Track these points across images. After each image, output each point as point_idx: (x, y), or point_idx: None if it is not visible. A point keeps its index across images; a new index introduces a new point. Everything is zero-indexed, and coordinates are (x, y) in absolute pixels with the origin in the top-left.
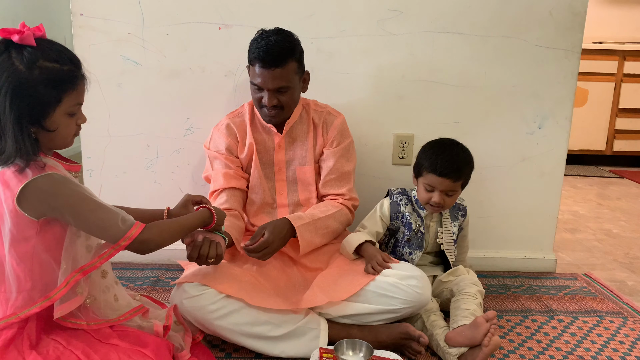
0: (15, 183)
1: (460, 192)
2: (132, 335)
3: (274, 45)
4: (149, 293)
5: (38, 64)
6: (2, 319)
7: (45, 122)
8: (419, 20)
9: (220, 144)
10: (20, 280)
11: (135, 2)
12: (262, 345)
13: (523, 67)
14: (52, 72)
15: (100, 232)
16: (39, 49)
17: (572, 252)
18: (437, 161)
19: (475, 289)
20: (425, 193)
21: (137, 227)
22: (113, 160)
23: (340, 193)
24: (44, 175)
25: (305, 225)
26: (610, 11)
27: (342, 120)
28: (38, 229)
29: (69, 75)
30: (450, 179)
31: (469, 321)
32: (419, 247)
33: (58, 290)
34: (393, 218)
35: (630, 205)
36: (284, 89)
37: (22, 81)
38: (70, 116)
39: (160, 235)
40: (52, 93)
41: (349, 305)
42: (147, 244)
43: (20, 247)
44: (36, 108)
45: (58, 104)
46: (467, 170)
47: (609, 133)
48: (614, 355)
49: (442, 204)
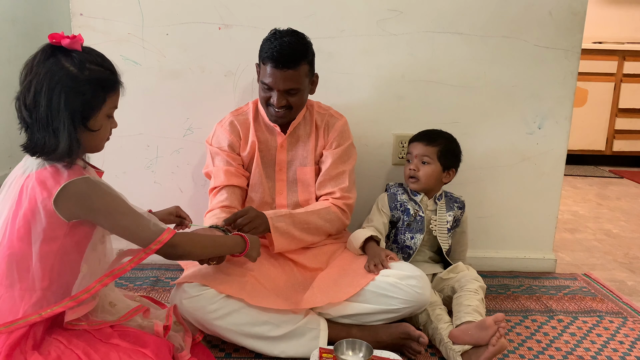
0: (52, 183)
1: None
2: (132, 335)
3: (287, 46)
4: (149, 293)
5: (87, 66)
6: (21, 319)
7: (91, 122)
8: (419, 20)
9: (222, 141)
10: (39, 278)
11: (135, 2)
12: (261, 345)
13: (523, 67)
14: (99, 73)
15: (132, 236)
16: (85, 53)
17: (571, 252)
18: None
19: (477, 285)
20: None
21: (168, 232)
22: (113, 160)
23: (331, 192)
24: (82, 178)
25: (280, 217)
26: (610, 11)
27: (343, 123)
28: (67, 230)
29: (112, 78)
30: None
31: (472, 317)
32: (420, 230)
33: (86, 291)
34: (392, 208)
35: (630, 205)
36: (294, 90)
37: (75, 81)
38: (109, 119)
39: (190, 244)
40: (100, 93)
41: (349, 305)
42: (176, 249)
43: (47, 246)
44: (86, 107)
45: (103, 105)
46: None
47: (609, 133)
48: (614, 355)
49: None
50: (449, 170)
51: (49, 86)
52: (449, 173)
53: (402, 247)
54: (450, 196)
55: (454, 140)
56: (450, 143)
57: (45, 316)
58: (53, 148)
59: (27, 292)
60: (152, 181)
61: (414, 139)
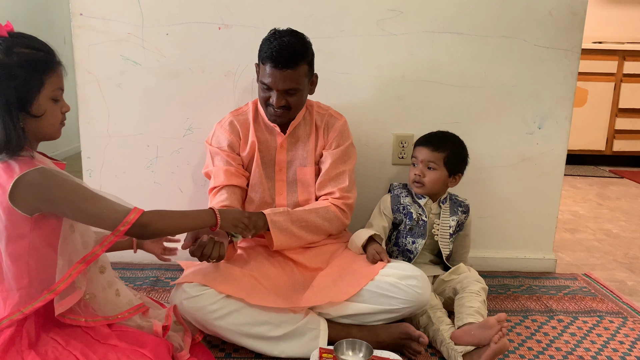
0: (5, 179)
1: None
2: (130, 335)
3: (287, 46)
4: (149, 293)
5: (15, 50)
6: (5, 317)
7: (32, 107)
8: (419, 20)
9: (222, 141)
10: (17, 277)
11: (135, 2)
12: (261, 345)
13: (523, 67)
14: (30, 56)
15: (98, 221)
16: (12, 38)
17: (572, 252)
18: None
19: (479, 286)
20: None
21: (135, 212)
22: (113, 160)
23: (330, 192)
24: (35, 169)
25: (277, 213)
26: (610, 11)
27: (343, 123)
28: (32, 225)
29: (47, 59)
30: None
31: (474, 319)
32: (422, 235)
33: (62, 282)
34: (395, 211)
35: (630, 205)
36: (294, 90)
37: (3, 67)
38: (55, 102)
39: (160, 220)
40: (35, 76)
41: (349, 305)
42: (146, 228)
43: (16, 245)
44: (22, 92)
45: (41, 87)
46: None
47: (609, 133)
48: (614, 355)
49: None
50: (455, 175)
51: None
52: (455, 178)
53: (403, 251)
54: (455, 199)
55: (461, 145)
56: (457, 148)
57: (27, 312)
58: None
59: (7, 293)
60: (152, 181)
61: (420, 142)
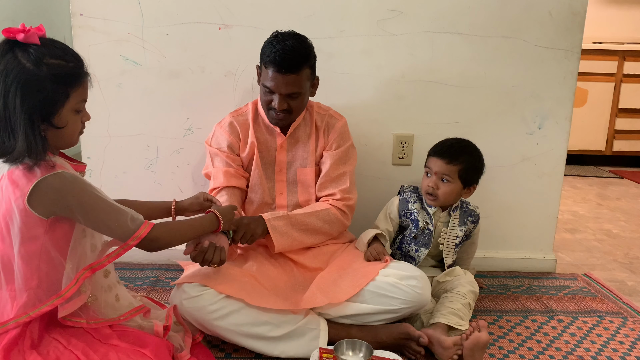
0: (25, 182)
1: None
2: (131, 336)
3: (290, 50)
4: (149, 293)
5: (45, 61)
6: (12, 319)
7: (55, 119)
8: (419, 21)
9: (222, 141)
10: (27, 278)
11: (135, 2)
12: (262, 345)
13: (523, 67)
14: (59, 68)
15: (110, 231)
16: (43, 47)
17: (572, 252)
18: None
19: (467, 289)
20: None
21: (145, 226)
22: (113, 160)
23: (331, 193)
24: (54, 174)
25: (277, 218)
26: (610, 11)
27: (343, 123)
28: (47, 227)
29: (75, 71)
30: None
31: (445, 320)
32: (426, 244)
33: (69, 288)
34: (402, 216)
35: (630, 206)
36: (296, 94)
37: (31, 78)
38: (77, 113)
39: (169, 234)
40: (61, 89)
41: (349, 306)
42: (156, 242)
43: (29, 246)
44: (46, 105)
45: (66, 100)
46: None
47: (609, 133)
48: (614, 355)
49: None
50: (470, 187)
51: (4, 85)
52: (470, 189)
53: (406, 256)
54: (466, 208)
55: (477, 156)
56: (474, 159)
57: (33, 316)
58: (11, 149)
59: (16, 293)
60: (152, 181)
61: (435, 153)
